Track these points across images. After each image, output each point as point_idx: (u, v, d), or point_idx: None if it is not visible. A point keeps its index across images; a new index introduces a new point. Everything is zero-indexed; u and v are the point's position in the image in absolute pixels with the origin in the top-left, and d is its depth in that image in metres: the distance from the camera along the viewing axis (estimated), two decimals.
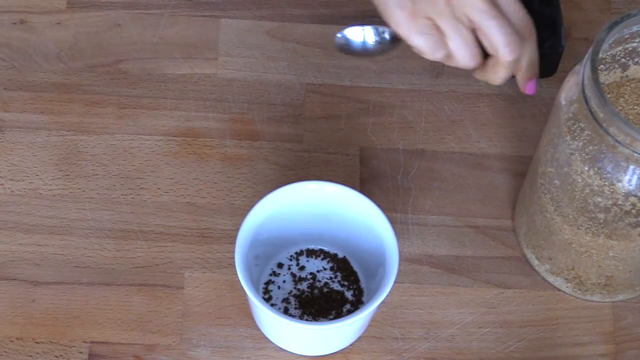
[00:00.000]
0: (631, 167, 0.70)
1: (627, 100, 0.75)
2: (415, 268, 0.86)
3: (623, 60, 0.75)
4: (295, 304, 0.84)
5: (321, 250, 0.86)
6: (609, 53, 0.74)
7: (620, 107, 0.75)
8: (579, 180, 0.73)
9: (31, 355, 0.82)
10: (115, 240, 0.86)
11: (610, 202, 0.73)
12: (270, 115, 0.92)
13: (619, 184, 0.71)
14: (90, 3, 0.96)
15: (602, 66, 0.75)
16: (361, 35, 0.79)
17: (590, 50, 0.70)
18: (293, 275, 0.85)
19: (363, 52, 0.80)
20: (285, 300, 0.84)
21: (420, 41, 0.76)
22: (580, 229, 0.77)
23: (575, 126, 0.72)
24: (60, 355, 0.82)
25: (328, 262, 0.85)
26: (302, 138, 0.91)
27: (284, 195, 0.79)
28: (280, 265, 0.85)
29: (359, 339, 0.83)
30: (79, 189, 0.88)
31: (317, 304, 0.84)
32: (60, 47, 0.94)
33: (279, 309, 0.83)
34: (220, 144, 0.90)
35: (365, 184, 0.89)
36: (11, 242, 0.86)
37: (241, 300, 0.84)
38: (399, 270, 0.78)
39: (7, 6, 0.96)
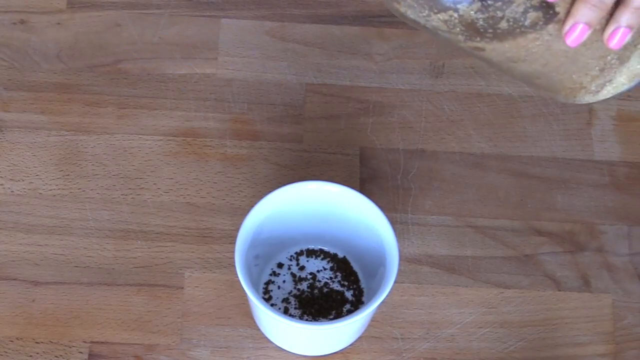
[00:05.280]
0: None
1: None
2: (415, 268, 0.86)
3: None
4: (295, 304, 0.84)
5: (321, 250, 0.86)
6: None
7: None
8: None
9: (31, 355, 0.82)
10: (115, 240, 0.86)
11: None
12: (270, 115, 0.92)
13: None
14: (90, 3, 0.96)
15: None
16: None
17: None
18: (293, 275, 0.85)
19: None
20: (285, 300, 0.84)
21: None
22: None
23: None
24: (60, 355, 0.82)
25: (328, 262, 0.85)
26: (302, 138, 0.91)
27: (284, 195, 0.79)
28: (280, 265, 0.85)
29: (359, 339, 0.83)
30: (79, 189, 0.88)
31: (317, 304, 0.84)
32: (60, 47, 0.94)
33: (279, 309, 0.83)
34: (220, 144, 0.90)
35: (365, 184, 0.89)
36: (11, 242, 0.86)
37: (241, 300, 0.84)
38: (399, 270, 0.78)
39: (7, 6, 0.96)
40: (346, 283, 0.85)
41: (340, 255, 0.86)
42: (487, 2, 0.61)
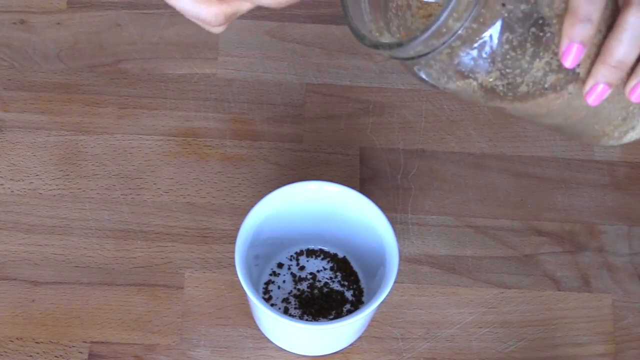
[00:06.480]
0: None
1: None
2: (415, 268, 0.86)
3: None
4: (295, 304, 0.84)
5: (321, 250, 0.86)
6: None
7: None
8: None
9: (31, 355, 0.82)
10: (115, 240, 0.86)
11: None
12: (270, 115, 0.92)
13: None
14: (90, 3, 0.96)
15: None
16: None
17: None
18: (293, 275, 0.85)
19: None
20: (285, 300, 0.84)
21: None
22: None
23: None
24: (60, 355, 0.82)
25: (328, 262, 0.85)
26: (302, 138, 0.91)
27: (284, 195, 0.79)
28: (280, 265, 0.85)
29: (359, 339, 0.83)
30: (79, 189, 0.88)
31: (317, 304, 0.84)
32: (60, 47, 0.94)
33: (279, 309, 0.83)
34: (220, 144, 0.90)
35: (365, 184, 0.89)
36: (11, 242, 0.86)
37: (241, 300, 0.84)
38: (399, 270, 0.78)
39: (7, 6, 0.96)
40: (346, 283, 0.85)
41: (340, 255, 0.86)
42: (505, 70, 0.61)
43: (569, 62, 0.60)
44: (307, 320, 0.83)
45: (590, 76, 0.62)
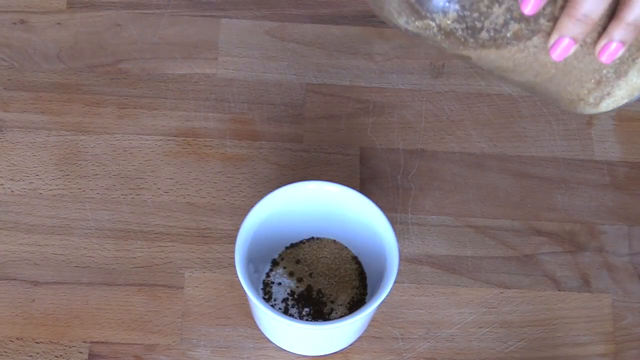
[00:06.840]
0: None
1: None
2: (415, 268, 0.86)
3: None
4: (295, 304, 0.84)
5: None
6: None
7: None
8: None
9: (31, 355, 0.82)
10: (115, 240, 0.86)
11: None
12: (270, 115, 0.92)
13: None
14: (90, 3, 0.96)
15: None
16: None
17: None
18: (292, 274, 0.85)
19: None
20: (285, 300, 0.84)
21: None
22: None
23: None
24: (60, 355, 0.82)
25: None
26: (302, 138, 0.91)
27: (284, 195, 0.79)
28: (279, 265, 0.85)
29: (359, 339, 0.83)
30: (79, 189, 0.88)
31: (317, 304, 0.84)
32: (60, 47, 0.94)
33: (279, 309, 0.83)
34: (220, 144, 0.90)
35: (365, 184, 0.89)
36: (11, 242, 0.86)
37: (241, 300, 0.84)
38: (399, 270, 0.78)
39: (7, 6, 0.96)
40: None
41: None
42: (463, 13, 0.61)
43: (528, 9, 0.59)
44: (307, 320, 0.83)
45: (555, 29, 0.61)
